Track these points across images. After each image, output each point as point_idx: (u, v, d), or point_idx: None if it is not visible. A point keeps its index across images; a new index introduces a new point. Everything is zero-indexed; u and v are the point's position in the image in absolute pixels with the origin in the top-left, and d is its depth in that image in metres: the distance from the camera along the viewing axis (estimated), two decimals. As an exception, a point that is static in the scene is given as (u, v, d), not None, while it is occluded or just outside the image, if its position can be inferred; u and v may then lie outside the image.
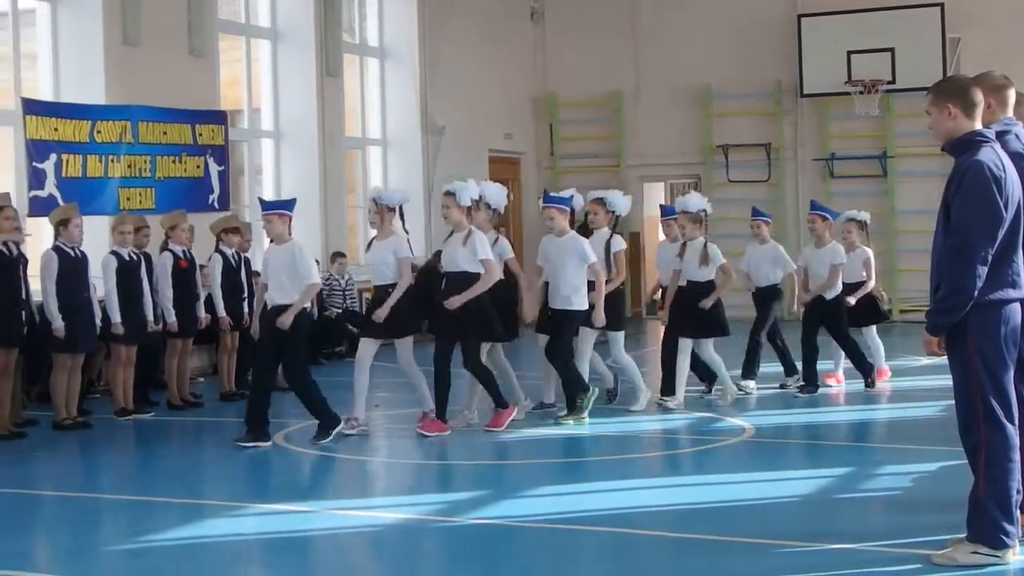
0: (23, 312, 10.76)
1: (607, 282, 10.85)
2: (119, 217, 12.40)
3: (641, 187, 21.70)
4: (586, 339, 10.96)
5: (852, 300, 11.95)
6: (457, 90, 19.66)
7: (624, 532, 7.09)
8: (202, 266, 12.45)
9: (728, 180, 20.95)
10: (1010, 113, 6.05)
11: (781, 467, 9.00)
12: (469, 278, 10.08)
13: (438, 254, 11.00)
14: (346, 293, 16.25)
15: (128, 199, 13.58)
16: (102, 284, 11.26)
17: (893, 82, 19.21)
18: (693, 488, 8.47)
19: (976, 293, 5.39)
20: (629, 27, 21.31)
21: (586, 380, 10.73)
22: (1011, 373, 5.59)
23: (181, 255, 12.14)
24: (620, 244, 11.40)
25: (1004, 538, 5.53)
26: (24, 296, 10.79)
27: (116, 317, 11.25)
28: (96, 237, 12.05)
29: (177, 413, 12.03)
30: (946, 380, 6.18)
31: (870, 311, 12.60)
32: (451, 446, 10.15)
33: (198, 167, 14.57)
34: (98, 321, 11.27)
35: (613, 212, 11.54)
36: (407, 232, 10.75)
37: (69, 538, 7.67)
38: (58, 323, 10.63)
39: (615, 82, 21.53)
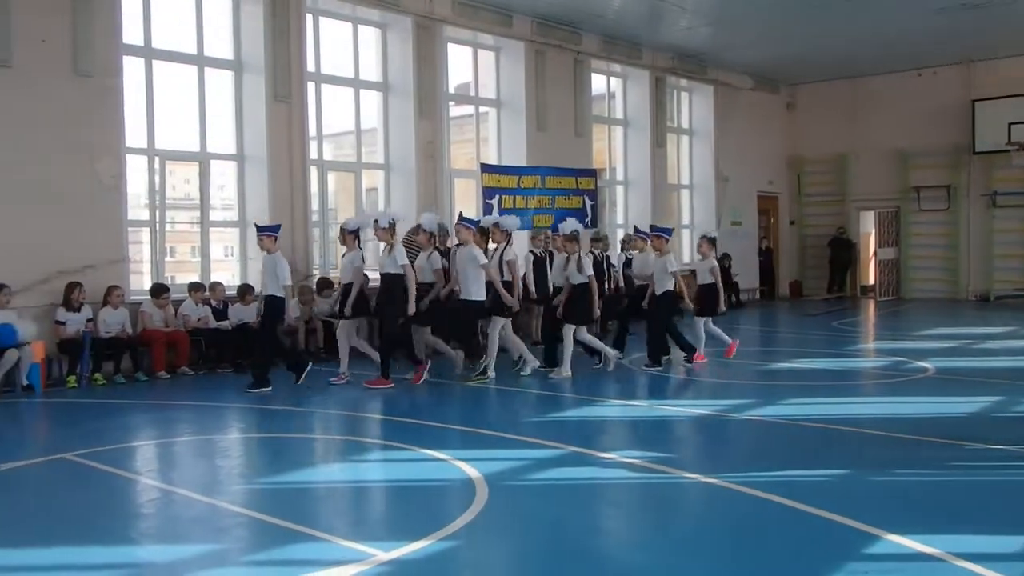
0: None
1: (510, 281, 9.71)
2: (533, 231, 13.16)
3: (858, 214, 20.97)
4: (496, 323, 9.67)
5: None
6: (738, 153, 19.53)
7: (847, 430, 6.94)
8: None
9: (919, 209, 19.79)
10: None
11: (955, 394, 8.55)
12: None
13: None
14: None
15: (538, 221, 14.19)
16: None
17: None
18: (892, 404, 8.25)
19: None
20: (851, 111, 20.47)
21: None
22: None
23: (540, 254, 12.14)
24: (511, 255, 9.93)
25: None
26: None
27: (532, 287, 11.73)
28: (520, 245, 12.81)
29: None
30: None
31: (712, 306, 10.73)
32: (714, 369, 10.18)
33: (579, 202, 15.18)
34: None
35: (507, 231, 9.99)
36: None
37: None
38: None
39: (841, 146, 20.71)
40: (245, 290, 10.86)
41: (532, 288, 11.72)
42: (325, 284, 11.58)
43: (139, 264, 11.80)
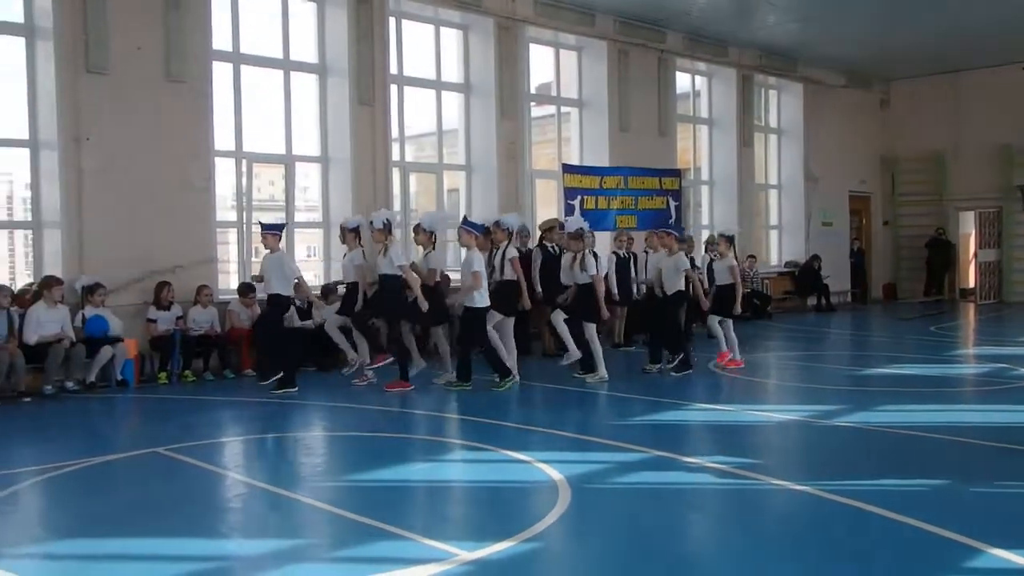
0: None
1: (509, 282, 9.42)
2: (616, 232, 13.08)
3: (957, 215, 20.22)
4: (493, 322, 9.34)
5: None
6: (828, 152, 19.03)
7: (946, 438, 6.76)
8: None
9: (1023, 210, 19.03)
10: None
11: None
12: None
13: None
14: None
15: (621, 222, 14.15)
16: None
17: None
18: (995, 412, 7.95)
19: None
20: (949, 108, 19.71)
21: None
22: None
23: (623, 255, 12.19)
24: (513, 252, 9.62)
25: None
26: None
27: (614, 289, 11.64)
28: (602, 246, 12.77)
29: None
30: None
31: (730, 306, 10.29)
32: (811, 372, 9.95)
33: (663, 202, 15.04)
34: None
35: (508, 230, 9.74)
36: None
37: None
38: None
39: (938, 144, 19.99)
40: (328, 289, 11.05)
41: (614, 290, 11.70)
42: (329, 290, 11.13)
43: (226, 264, 12.14)
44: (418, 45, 13.43)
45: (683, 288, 9.79)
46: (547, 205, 14.52)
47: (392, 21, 12.60)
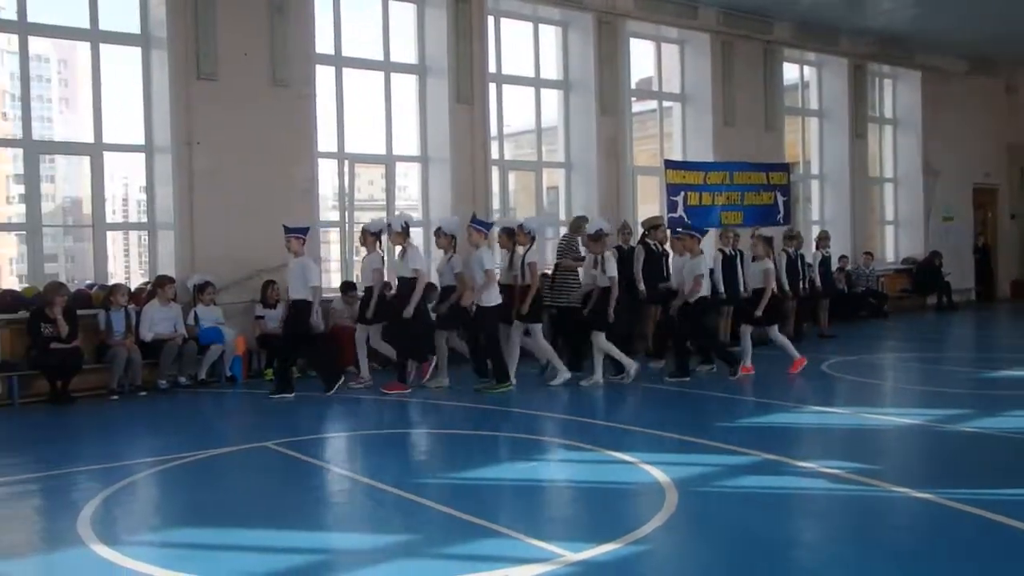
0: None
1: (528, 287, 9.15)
2: (722, 230, 12.87)
3: (1095, 209, 19.11)
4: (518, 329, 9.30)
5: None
6: (949, 143, 18.22)
7: None
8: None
9: None
10: None
11: None
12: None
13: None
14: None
15: (726, 218, 13.83)
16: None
17: None
18: None
19: None
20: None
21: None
22: None
23: (729, 252, 12.01)
24: (532, 257, 9.30)
25: None
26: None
27: (720, 288, 11.47)
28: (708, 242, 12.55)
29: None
30: None
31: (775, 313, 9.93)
32: (922, 376, 9.59)
33: (770, 198, 14.67)
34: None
35: (531, 233, 9.36)
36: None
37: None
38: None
39: (1074, 132, 18.98)
40: (429, 288, 11.18)
41: (720, 288, 11.51)
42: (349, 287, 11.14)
43: (328, 263, 12.44)
44: (517, 43, 13.52)
45: (707, 293, 9.40)
46: (649, 202, 14.38)
47: (491, 20, 12.70)
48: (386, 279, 9.79)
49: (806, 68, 16.93)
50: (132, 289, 9.98)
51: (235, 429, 7.88)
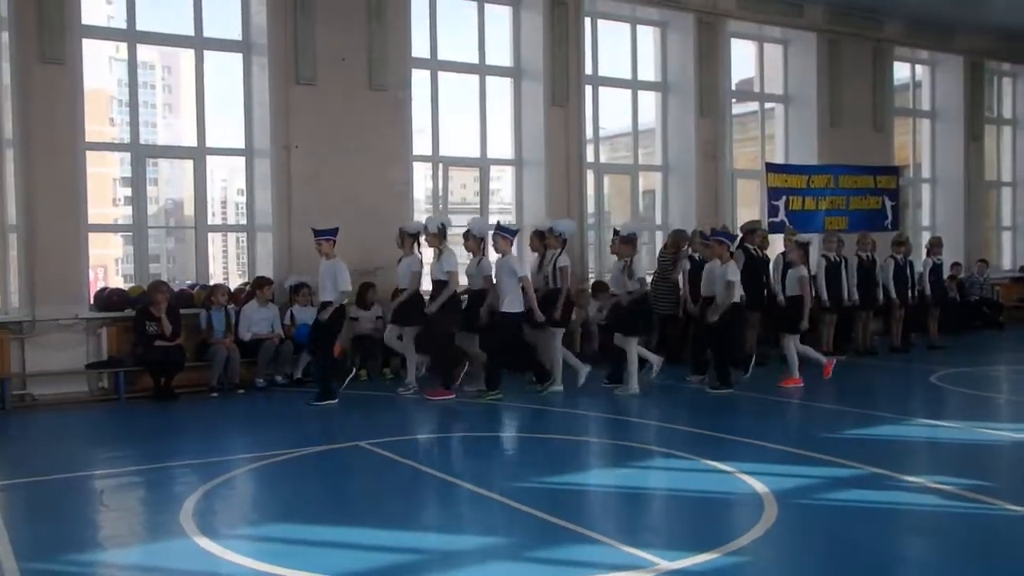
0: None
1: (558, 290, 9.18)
2: (825, 234, 12.58)
3: None
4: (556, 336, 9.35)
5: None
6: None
7: None
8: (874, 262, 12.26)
9: None
10: None
11: None
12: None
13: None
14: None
15: (830, 223, 13.58)
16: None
17: None
18: None
19: None
20: None
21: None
22: None
23: (833, 258, 11.74)
24: (564, 261, 9.36)
25: None
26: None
27: (823, 295, 11.25)
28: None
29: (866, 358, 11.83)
30: None
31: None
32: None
33: (877, 202, 14.31)
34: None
35: (562, 236, 9.44)
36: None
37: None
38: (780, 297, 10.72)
39: None
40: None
41: (824, 295, 11.31)
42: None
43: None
44: (613, 44, 13.49)
45: (736, 300, 9.16)
46: (748, 206, 14.16)
47: (587, 21, 12.71)
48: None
49: (918, 67, 16.42)
50: (232, 289, 10.33)
51: (329, 428, 8.07)
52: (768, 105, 14.73)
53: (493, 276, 9.22)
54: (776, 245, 12.16)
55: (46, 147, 9.29)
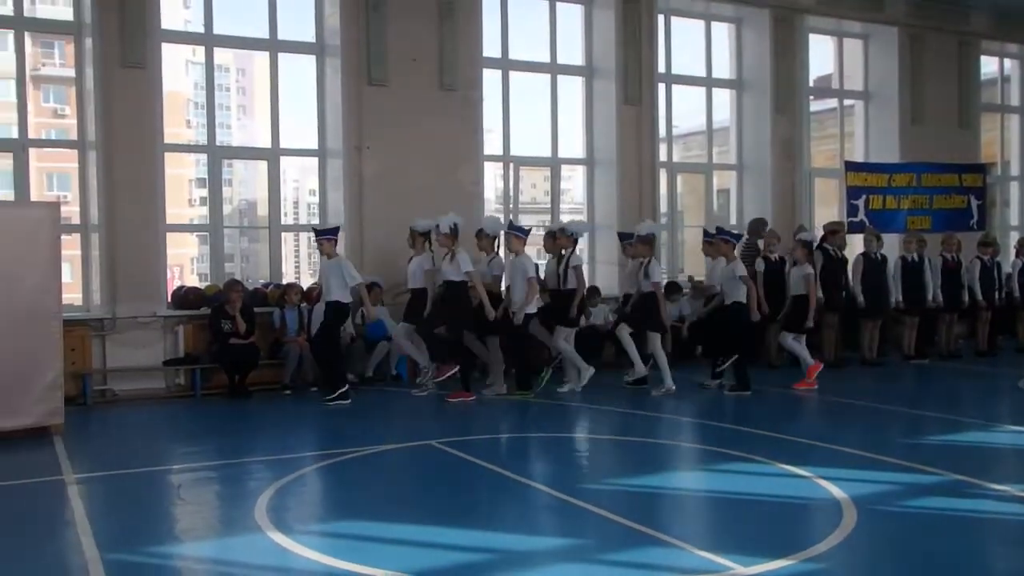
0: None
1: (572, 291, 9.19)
2: (905, 234, 12.34)
3: None
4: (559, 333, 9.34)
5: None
6: None
7: None
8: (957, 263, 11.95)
9: None
10: None
11: None
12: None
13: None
14: None
15: (912, 223, 13.26)
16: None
17: None
18: None
19: None
20: None
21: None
22: None
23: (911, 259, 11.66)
24: (577, 261, 9.44)
25: None
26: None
27: (899, 296, 11.19)
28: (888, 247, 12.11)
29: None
30: None
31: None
32: None
33: (962, 201, 13.91)
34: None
35: (574, 236, 9.50)
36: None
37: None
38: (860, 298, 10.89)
39: None
40: (593, 291, 11.26)
41: (899, 296, 11.18)
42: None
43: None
44: (687, 41, 13.38)
45: (742, 299, 9.13)
46: (827, 205, 13.91)
47: (660, 19, 12.63)
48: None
49: (1007, 61, 15.91)
50: (304, 288, 10.52)
51: (400, 426, 8.17)
52: (847, 102, 14.45)
53: (504, 276, 9.38)
54: (855, 246, 11.95)
55: (127, 149, 9.61)
